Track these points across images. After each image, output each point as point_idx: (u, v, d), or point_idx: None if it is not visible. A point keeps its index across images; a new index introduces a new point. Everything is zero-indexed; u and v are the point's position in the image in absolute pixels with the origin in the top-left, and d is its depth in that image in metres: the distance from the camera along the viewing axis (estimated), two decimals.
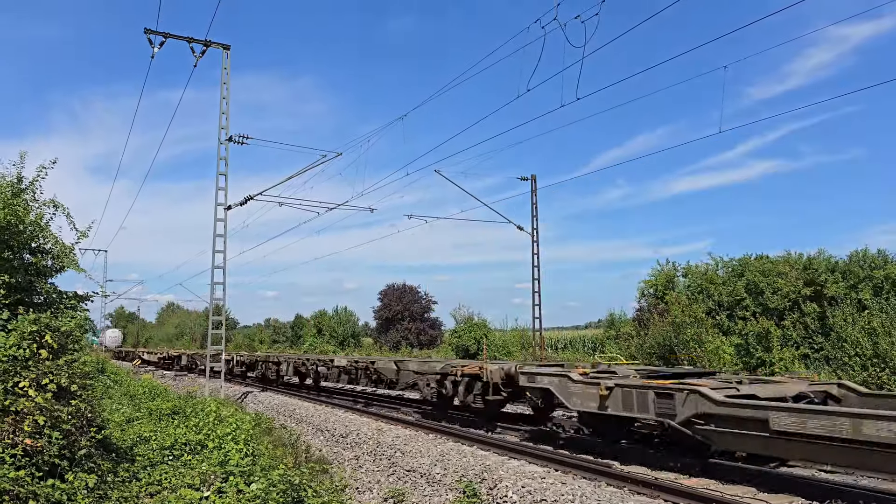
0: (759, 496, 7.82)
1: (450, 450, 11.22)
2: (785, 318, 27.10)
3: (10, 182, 10.68)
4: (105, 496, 6.67)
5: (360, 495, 10.29)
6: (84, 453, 6.98)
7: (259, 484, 7.27)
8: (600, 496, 7.83)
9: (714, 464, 9.16)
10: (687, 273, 34.40)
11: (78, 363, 7.81)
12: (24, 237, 10.23)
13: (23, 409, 6.61)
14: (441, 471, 9.97)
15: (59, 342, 7.73)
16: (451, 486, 9.30)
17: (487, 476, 9.06)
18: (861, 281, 26.01)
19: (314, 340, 61.93)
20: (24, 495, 5.75)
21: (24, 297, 10.21)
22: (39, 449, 6.42)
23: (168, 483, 7.49)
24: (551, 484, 8.45)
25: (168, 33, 20.72)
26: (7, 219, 9.75)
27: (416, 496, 9.55)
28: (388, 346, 56.12)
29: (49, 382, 7.07)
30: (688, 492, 7.76)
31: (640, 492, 8.11)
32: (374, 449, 12.23)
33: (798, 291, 27.15)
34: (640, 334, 30.17)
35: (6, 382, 6.92)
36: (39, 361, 7.33)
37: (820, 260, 28.30)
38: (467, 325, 42.05)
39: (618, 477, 8.72)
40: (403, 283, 60.80)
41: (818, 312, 26.05)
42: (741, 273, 30.38)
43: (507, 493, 8.36)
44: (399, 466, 10.88)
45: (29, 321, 7.66)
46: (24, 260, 10.48)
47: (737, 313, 28.84)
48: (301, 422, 16.81)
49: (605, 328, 42.44)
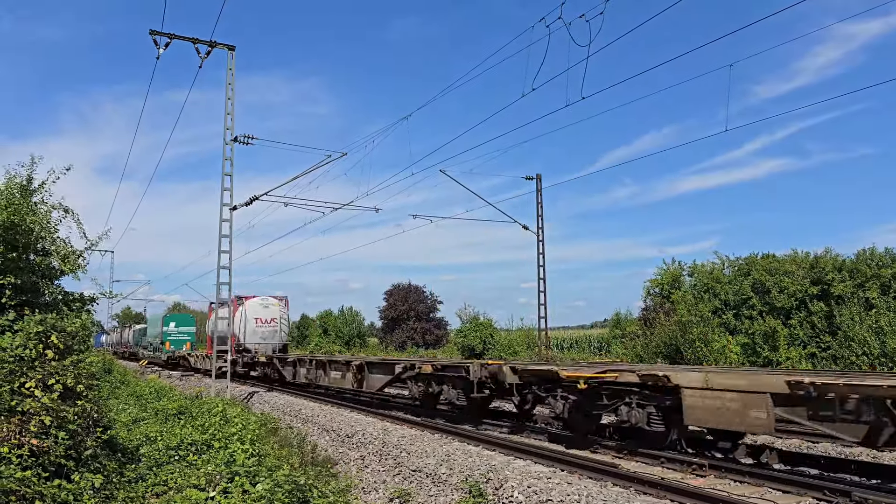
0: (767, 496, 7.79)
1: (455, 450, 11.21)
2: (792, 317, 26.99)
3: (18, 183, 10.72)
4: (111, 496, 6.69)
5: (365, 495, 10.28)
6: (90, 454, 7.00)
7: (265, 484, 7.27)
8: (606, 496, 7.80)
9: (722, 463, 9.11)
10: (693, 272, 34.31)
11: (84, 364, 7.83)
12: (30, 238, 10.27)
13: (29, 410, 6.63)
14: (447, 471, 9.96)
15: (65, 343, 7.75)
16: (456, 486, 9.29)
17: (493, 476, 9.04)
18: (868, 279, 25.87)
19: (320, 340, 62.07)
20: (31, 495, 5.77)
21: (31, 298, 10.25)
22: (45, 449, 6.44)
23: (174, 483, 7.51)
24: (557, 484, 8.43)
25: (173, 34, 20.72)
26: (12, 219, 9.78)
27: (422, 496, 9.54)
28: (394, 345, 56.20)
29: (55, 383, 7.09)
30: (694, 492, 7.73)
31: (646, 492, 8.07)
32: (380, 449, 12.23)
33: (805, 290, 27.04)
34: (646, 334, 30.12)
35: (12, 383, 6.94)
36: (45, 362, 7.35)
37: (827, 258, 28.17)
38: (473, 325, 42.07)
39: (624, 477, 8.69)
40: (409, 283, 60.91)
41: (825, 311, 25.94)
42: (748, 272, 30.27)
43: (512, 493, 8.34)
44: (405, 466, 10.87)
45: (35, 322, 7.69)
46: (31, 261, 10.52)
47: (743, 312, 28.75)
48: (307, 422, 16.83)
49: (611, 328, 42.38)
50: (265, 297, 30.91)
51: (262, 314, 30.34)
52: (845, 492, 7.44)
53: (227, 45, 22.19)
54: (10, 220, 9.77)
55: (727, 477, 8.70)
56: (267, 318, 30.35)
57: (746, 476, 8.55)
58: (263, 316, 30.31)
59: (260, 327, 29.87)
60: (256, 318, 29.89)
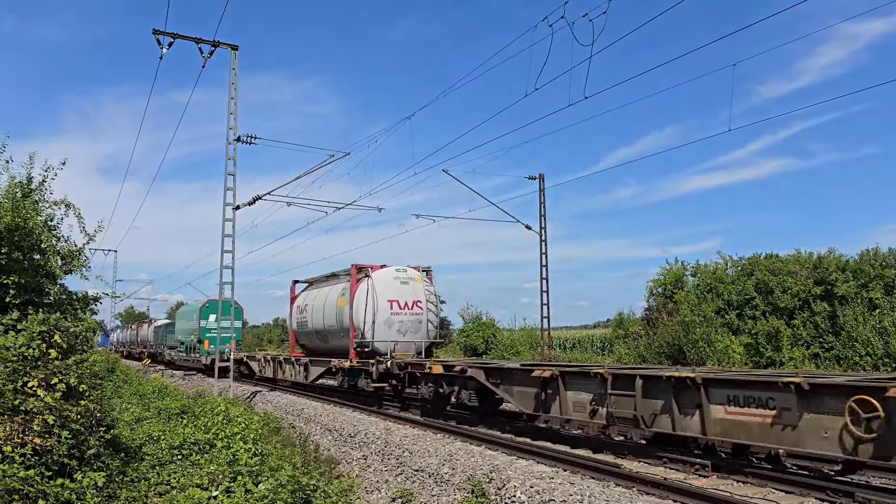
0: (770, 496, 7.77)
1: (458, 449, 11.21)
2: (795, 317, 26.91)
3: (19, 183, 10.75)
4: (114, 495, 6.69)
5: (368, 495, 10.28)
6: (93, 453, 7.01)
7: (267, 484, 7.27)
8: (609, 496, 7.79)
9: (724, 463, 9.09)
10: (696, 272, 34.23)
11: (87, 363, 7.84)
12: (33, 238, 10.29)
13: (32, 409, 6.64)
14: (449, 470, 9.96)
15: (68, 342, 7.77)
16: (459, 486, 9.28)
17: (496, 476, 9.04)
18: (872, 280, 25.78)
19: None
20: (34, 494, 5.78)
21: (34, 298, 10.27)
22: (49, 448, 6.45)
23: (176, 483, 7.51)
24: (560, 484, 8.42)
25: (176, 34, 20.76)
26: (15, 221, 9.81)
27: (425, 496, 9.53)
28: None
29: (58, 382, 7.10)
30: (697, 492, 7.71)
31: (649, 492, 8.06)
32: (383, 449, 12.24)
33: (808, 290, 26.96)
34: (649, 334, 30.04)
35: (16, 382, 6.95)
36: (49, 361, 7.37)
37: (830, 258, 28.07)
38: (476, 325, 42.03)
39: (627, 477, 8.68)
40: None
41: (828, 311, 25.86)
42: (751, 272, 30.19)
43: (515, 493, 8.33)
44: (407, 466, 10.87)
45: (38, 321, 7.71)
46: (34, 261, 10.54)
47: (746, 312, 28.67)
48: (310, 421, 16.84)
49: (614, 328, 42.26)
50: (402, 268, 19.54)
51: (400, 293, 18.97)
52: (848, 492, 7.43)
53: (231, 45, 22.22)
54: (14, 222, 9.79)
55: (730, 477, 8.68)
56: (407, 301, 18.99)
57: (749, 476, 8.53)
58: (401, 297, 18.96)
59: (397, 315, 18.74)
60: (391, 301, 18.73)
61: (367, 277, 18.81)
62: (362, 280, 18.92)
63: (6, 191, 10.52)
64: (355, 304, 18.60)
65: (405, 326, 18.83)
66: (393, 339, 18.46)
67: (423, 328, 19.15)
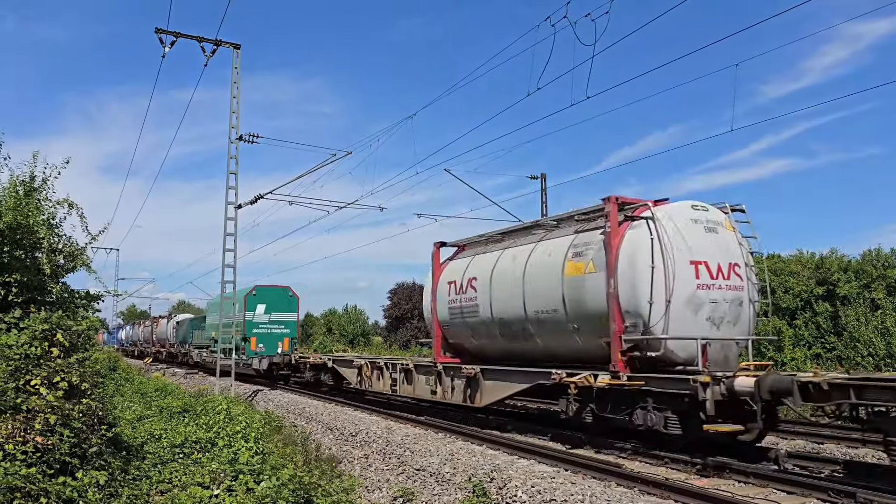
0: (771, 497, 7.76)
1: (459, 449, 11.21)
2: (797, 317, 26.87)
3: (21, 181, 10.75)
4: (115, 494, 6.71)
5: (369, 494, 10.28)
6: (95, 451, 7.02)
7: (269, 482, 7.28)
8: (610, 496, 7.79)
9: (726, 463, 9.08)
10: None
11: (89, 361, 7.85)
12: (35, 237, 10.31)
13: (34, 407, 6.66)
14: (450, 470, 9.96)
15: (70, 341, 7.78)
16: (460, 486, 9.29)
17: (497, 475, 9.04)
18: (874, 280, 25.74)
19: (324, 339, 62.08)
20: (36, 493, 5.79)
21: (36, 296, 10.30)
22: (50, 447, 6.46)
23: (178, 481, 7.52)
24: (561, 484, 8.42)
25: (179, 33, 20.76)
26: (18, 219, 9.82)
27: (426, 495, 9.54)
28: (398, 344, 56.20)
29: (60, 380, 7.12)
30: (699, 492, 7.71)
31: (650, 492, 8.06)
32: (384, 448, 12.24)
33: (810, 291, 26.91)
34: None
35: (18, 380, 6.97)
36: (51, 360, 7.38)
37: (832, 259, 28.03)
38: None
39: (628, 477, 8.68)
40: (413, 282, 60.68)
41: (830, 312, 25.81)
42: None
43: (516, 493, 8.33)
44: (408, 465, 10.87)
45: (41, 319, 7.72)
46: (36, 259, 10.56)
47: None
48: (311, 420, 16.85)
49: None
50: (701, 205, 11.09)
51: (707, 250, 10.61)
52: (850, 493, 7.41)
53: (233, 44, 22.23)
54: (16, 221, 9.81)
55: (731, 477, 8.68)
56: (720, 264, 10.66)
57: (751, 476, 8.53)
58: (711, 256, 10.60)
59: (707, 290, 10.43)
60: (695, 264, 10.40)
61: (643, 220, 10.53)
62: (635, 224, 10.66)
63: (7, 189, 10.53)
64: (622, 267, 10.43)
65: (720, 311, 10.57)
66: (703, 336, 10.04)
67: (746, 315, 10.96)
